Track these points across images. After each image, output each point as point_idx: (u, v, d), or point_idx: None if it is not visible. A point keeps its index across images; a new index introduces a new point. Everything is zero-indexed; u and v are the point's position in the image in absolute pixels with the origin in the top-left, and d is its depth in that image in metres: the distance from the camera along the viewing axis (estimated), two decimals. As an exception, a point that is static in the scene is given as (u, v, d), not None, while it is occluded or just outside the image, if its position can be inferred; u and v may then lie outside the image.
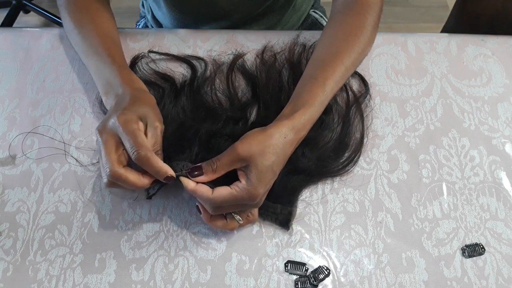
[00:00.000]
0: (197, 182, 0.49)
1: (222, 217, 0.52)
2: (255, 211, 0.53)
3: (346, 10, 0.61)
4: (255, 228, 0.56)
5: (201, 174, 0.49)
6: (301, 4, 0.86)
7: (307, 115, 0.52)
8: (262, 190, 0.48)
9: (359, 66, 0.63)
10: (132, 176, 0.48)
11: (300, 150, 0.57)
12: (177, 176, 0.49)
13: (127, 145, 0.48)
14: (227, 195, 0.47)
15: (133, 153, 0.47)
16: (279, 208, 0.55)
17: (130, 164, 0.49)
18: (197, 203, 0.52)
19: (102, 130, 0.49)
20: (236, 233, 0.55)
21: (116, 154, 0.48)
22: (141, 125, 0.50)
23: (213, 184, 0.49)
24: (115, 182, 0.48)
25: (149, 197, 0.55)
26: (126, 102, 0.52)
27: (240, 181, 0.48)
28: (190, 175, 0.49)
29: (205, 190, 0.48)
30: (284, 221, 0.55)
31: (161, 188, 0.54)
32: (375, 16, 0.60)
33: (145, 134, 0.50)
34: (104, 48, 0.60)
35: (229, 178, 0.49)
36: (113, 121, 0.49)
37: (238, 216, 0.51)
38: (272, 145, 0.48)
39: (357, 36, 0.58)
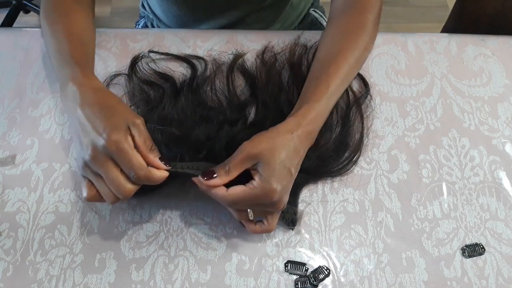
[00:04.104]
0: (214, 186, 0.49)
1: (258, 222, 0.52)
2: (274, 220, 0.52)
3: (346, 10, 0.61)
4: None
5: (215, 177, 0.48)
6: (299, 2, 0.86)
7: (313, 111, 0.52)
8: (278, 187, 0.47)
9: (361, 66, 0.63)
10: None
11: None
12: (191, 177, 0.49)
13: (125, 168, 0.46)
14: (241, 192, 0.47)
15: (133, 176, 0.46)
16: (286, 207, 0.55)
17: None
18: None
19: (96, 156, 0.47)
20: (236, 233, 0.55)
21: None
22: (129, 139, 0.48)
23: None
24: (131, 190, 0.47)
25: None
26: (102, 117, 0.49)
27: (254, 179, 0.48)
28: (204, 178, 0.48)
29: (219, 188, 0.48)
30: (290, 220, 0.55)
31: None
32: (375, 14, 0.61)
33: (132, 136, 0.49)
34: (68, 47, 0.58)
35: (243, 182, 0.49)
36: (103, 149, 0.46)
37: (251, 212, 0.50)
38: (281, 141, 0.49)
39: (359, 34, 0.59)
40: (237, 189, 0.48)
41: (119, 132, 0.47)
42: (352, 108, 0.63)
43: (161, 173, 0.48)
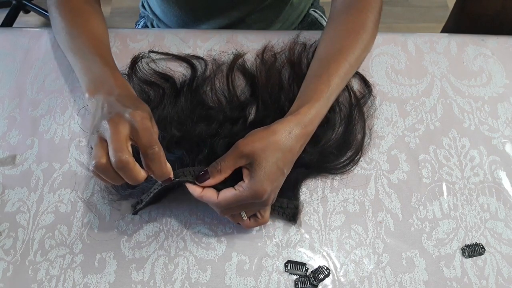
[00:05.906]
0: (204, 187, 0.49)
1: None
2: (266, 212, 0.53)
3: (347, 9, 0.62)
4: (255, 227, 0.55)
5: (208, 178, 0.49)
6: (299, 2, 0.86)
7: (313, 110, 0.52)
8: (268, 188, 0.47)
9: (360, 66, 0.63)
10: (137, 167, 0.45)
11: None
12: (184, 183, 0.50)
13: (143, 140, 0.45)
14: (232, 197, 0.48)
15: (148, 148, 0.45)
16: (285, 202, 0.55)
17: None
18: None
19: (116, 118, 0.46)
20: (236, 233, 0.55)
21: (127, 143, 0.45)
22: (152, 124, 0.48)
23: (222, 184, 0.49)
24: (107, 171, 0.45)
25: (135, 213, 0.55)
26: (132, 102, 0.49)
27: (244, 181, 0.48)
28: (198, 181, 0.49)
29: (210, 195, 0.49)
30: (291, 215, 0.55)
31: (148, 205, 0.54)
32: (376, 13, 0.61)
33: None
34: (95, 49, 0.59)
35: (238, 177, 0.49)
36: (128, 115, 0.46)
37: (244, 212, 0.51)
38: (276, 141, 0.48)
39: (359, 33, 0.59)
40: (227, 194, 0.48)
41: (147, 114, 0.47)
42: (355, 108, 0.63)
43: (167, 164, 0.46)
